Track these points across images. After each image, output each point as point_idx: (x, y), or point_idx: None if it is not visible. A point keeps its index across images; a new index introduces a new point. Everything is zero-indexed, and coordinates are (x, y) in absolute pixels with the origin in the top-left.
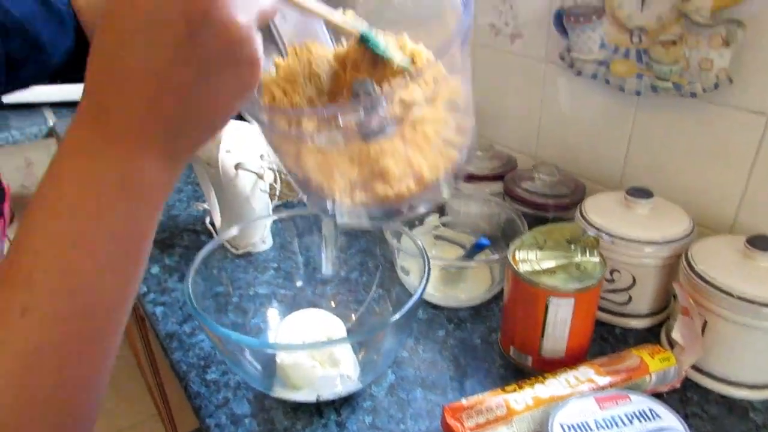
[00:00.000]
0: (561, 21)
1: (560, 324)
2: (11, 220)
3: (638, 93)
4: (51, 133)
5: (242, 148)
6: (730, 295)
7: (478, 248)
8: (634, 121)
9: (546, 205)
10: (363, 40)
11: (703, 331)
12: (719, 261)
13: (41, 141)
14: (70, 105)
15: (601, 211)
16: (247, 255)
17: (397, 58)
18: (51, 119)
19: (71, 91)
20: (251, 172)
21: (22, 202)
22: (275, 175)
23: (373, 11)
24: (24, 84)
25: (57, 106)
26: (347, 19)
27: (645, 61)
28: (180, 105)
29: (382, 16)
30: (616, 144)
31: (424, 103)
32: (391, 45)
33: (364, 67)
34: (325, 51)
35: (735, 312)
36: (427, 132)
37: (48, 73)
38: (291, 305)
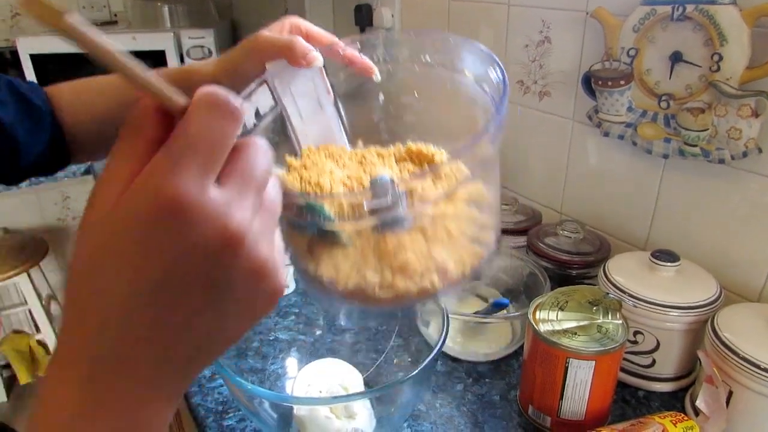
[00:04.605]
0: (589, 83)
1: (580, 386)
2: (45, 253)
3: (665, 156)
4: (89, 170)
5: None
6: (757, 366)
7: (496, 307)
8: (661, 182)
9: (570, 262)
10: (309, 209)
11: (728, 400)
12: (746, 329)
13: (79, 178)
14: None
15: (626, 272)
16: None
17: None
18: None
19: None
20: None
21: (58, 236)
22: None
23: (393, 115)
24: None
25: None
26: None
27: (673, 126)
28: (192, 350)
29: (402, 121)
30: (642, 204)
31: (439, 198)
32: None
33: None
34: (342, 151)
35: (762, 384)
36: (450, 228)
37: (19, 171)
38: (310, 352)
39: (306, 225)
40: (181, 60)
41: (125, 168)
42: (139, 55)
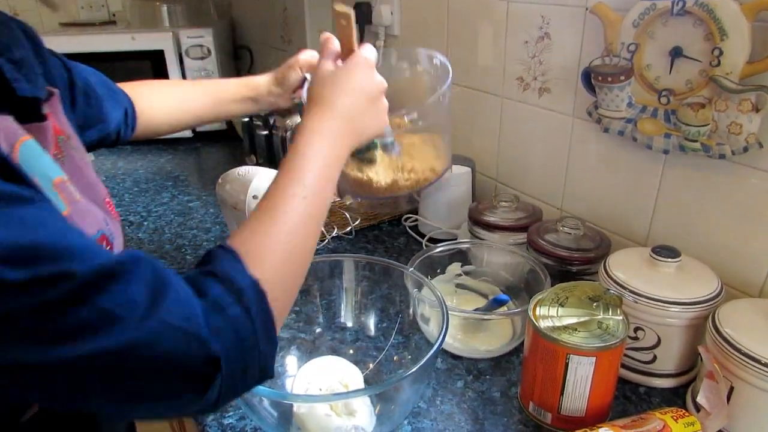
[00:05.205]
0: (589, 79)
1: (580, 382)
2: None
3: (666, 152)
4: None
5: None
6: (758, 361)
7: (496, 304)
8: (662, 178)
9: (570, 258)
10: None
11: (729, 396)
12: (747, 325)
13: None
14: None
15: (626, 268)
16: None
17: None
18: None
19: None
20: None
21: None
22: None
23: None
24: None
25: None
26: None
27: (673, 122)
28: (364, 123)
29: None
30: (642, 200)
31: (407, 132)
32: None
33: None
34: None
35: (763, 379)
36: (423, 150)
37: (103, 138)
38: (310, 350)
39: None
40: (180, 60)
41: (330, 61)
42: (138, 55)
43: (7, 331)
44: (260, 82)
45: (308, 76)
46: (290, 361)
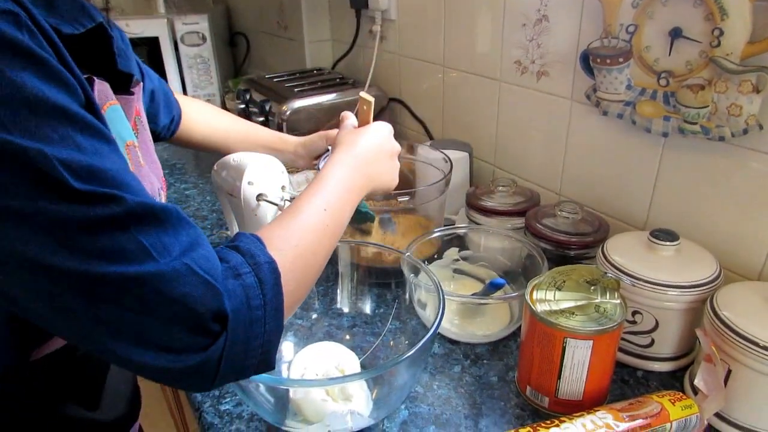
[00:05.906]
0: (587, 61)
1: (578, 366)
2: None
3: (665, 134)
4: None
5: (264, 180)
6: (755, 344)
7: (492, 288)
8: (661, 161)
9: (568, 242)
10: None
11: (727, 379)
12: (745, 308)
13: None
14: None
15: (624, 251)
16: None
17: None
18: None
19: None
20: (272, 203)
21: None
22: None
23: None
24: None
25: None
26: None
27: (672, 104)
28: (379, 171)
29: None
30: (641, 184)
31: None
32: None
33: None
34: None
35: (760, 361)
36: (413, 231)
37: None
38: (307, 336)
39: (357, 217)
40: (176, 46)
41: (349, 127)
42: (133, 42)
43: (53, 231)
44: (290, 140)
45: (331, 148)
46: (286, 347)
